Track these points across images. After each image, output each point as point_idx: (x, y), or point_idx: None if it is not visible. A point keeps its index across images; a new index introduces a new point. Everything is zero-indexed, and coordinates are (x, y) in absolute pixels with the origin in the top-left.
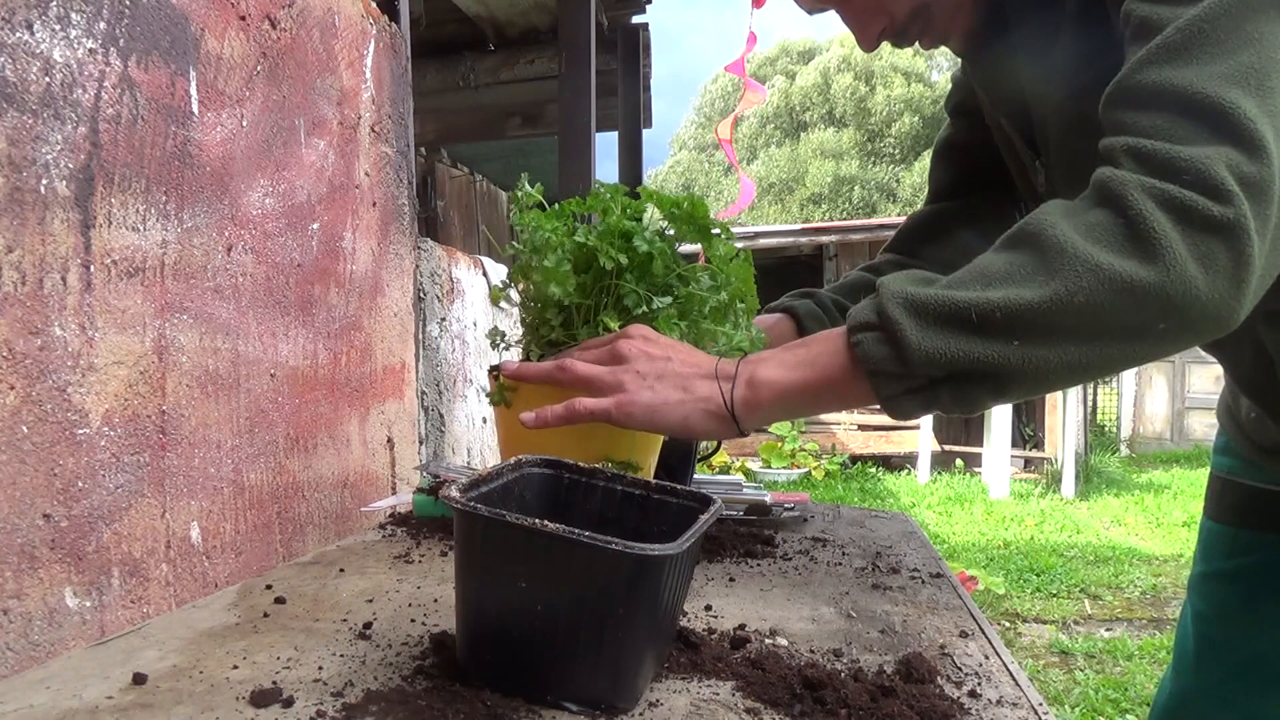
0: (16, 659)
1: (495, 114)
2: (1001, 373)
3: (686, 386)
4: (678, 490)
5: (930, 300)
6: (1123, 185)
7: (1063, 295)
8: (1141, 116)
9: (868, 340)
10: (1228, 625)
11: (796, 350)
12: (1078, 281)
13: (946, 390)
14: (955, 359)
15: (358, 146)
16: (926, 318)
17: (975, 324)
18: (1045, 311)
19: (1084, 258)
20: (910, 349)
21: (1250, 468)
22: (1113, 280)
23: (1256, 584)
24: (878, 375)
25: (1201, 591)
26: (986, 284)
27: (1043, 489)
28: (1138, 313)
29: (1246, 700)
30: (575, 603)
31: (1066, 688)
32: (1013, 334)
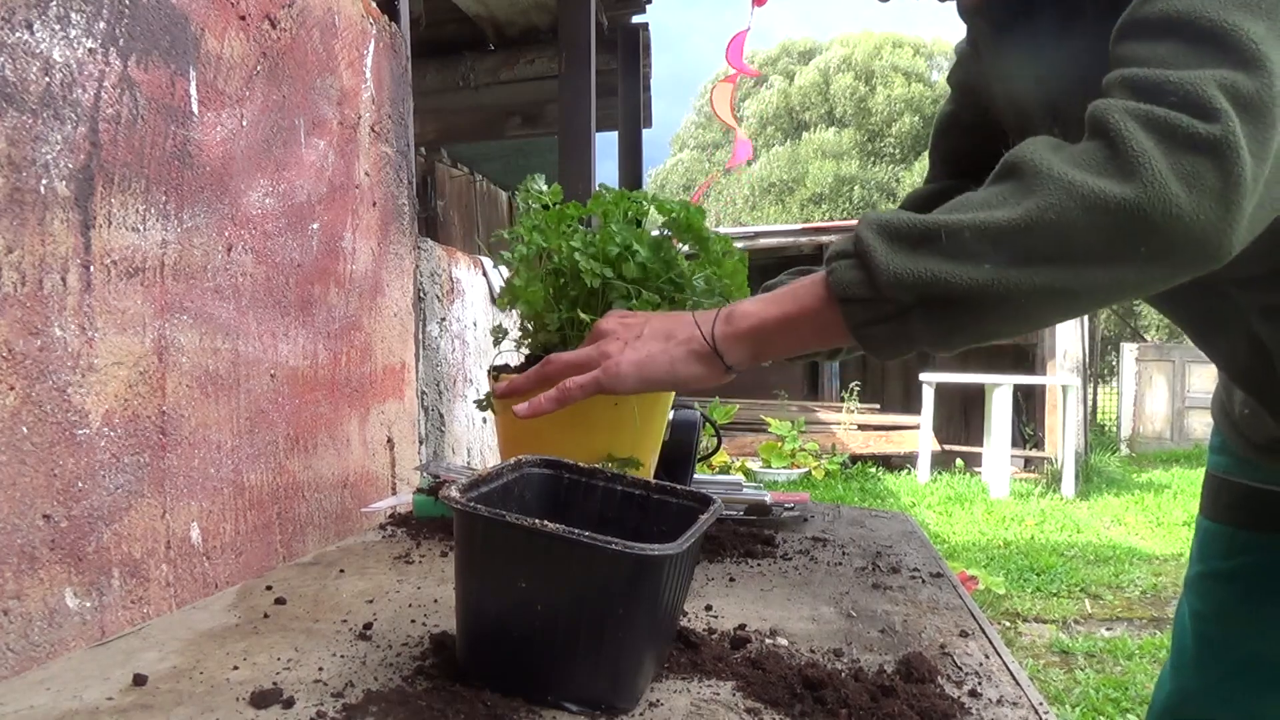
0: (16, 660)
1: (495, 114)
2: (974, 297)
3: (668, 335)
4: (678, 490)
5: (902, 223)
6: (1106, 111)
7: (1033, 212)
8: (1142, 47)
9: (841, 266)
10: (1226, 625)
11: (777, 290)
12: (1049, 199)
13: (919, 317)
14: (923, 280)
15: (358, 146)
16: (897, 240)
17: (944, 244)
18: (1015, 229)
19: (1058, 177)
20: (878, 270)
21: (1246, 466)
22: (1085, 197)
23: (1254, 584)
24: (849, 302)
25: (1199, 591)
26: (963, 209)
27: (1043, 488)
28: (1114, 232)
29: (1245, 699)
30: (575, 603)
31: (1067, 687)
32: (982, 255)
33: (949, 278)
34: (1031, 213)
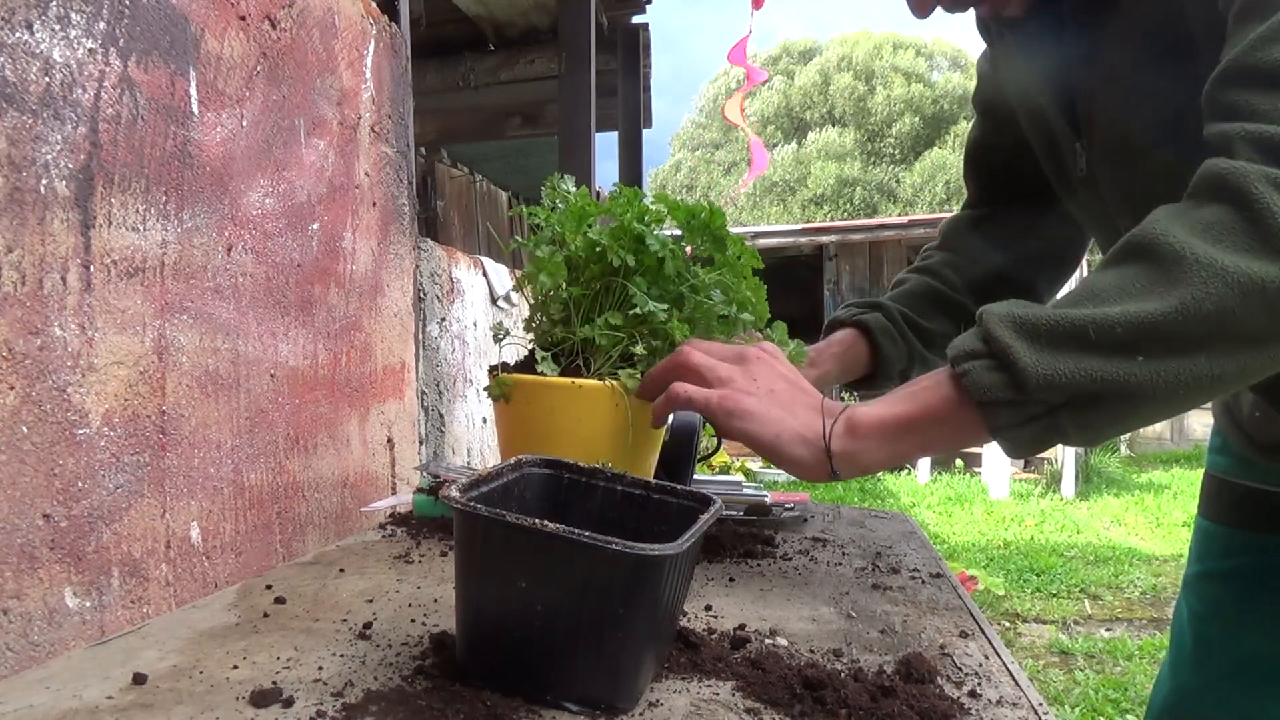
0: (16, 659)
1: (495, 114)
2: (1130, 392)
3: (792, 409)
4: (678, 490)
5: (1042, 320)
6: (1243, 178)
7: (1189, 304)
8: (1261, 97)
9: (976, 369)
10: (1224, 625)
11: (899, 390)
12: (1204, 288)
13: (1068, 416)
14: (1077, 380)
15: (358, 146)
16: (1040, 339)
17: (1094, 341)
18: (1172, 323)
19: (1207, 261)
20: (1026, 372)
21: (1247, 467)
22: (1243, 283)
23: (1253, 584)
24: (990, 405)
25: (1197, 591)
26: (1101, 299)
27: (1043, 489)
28: (1271, 314)
29: (1244, 699)
30: (575, 603)
31: (1066, 688)
32: (1136, 349)
33: (1106, 375)
34: (1187, 304)
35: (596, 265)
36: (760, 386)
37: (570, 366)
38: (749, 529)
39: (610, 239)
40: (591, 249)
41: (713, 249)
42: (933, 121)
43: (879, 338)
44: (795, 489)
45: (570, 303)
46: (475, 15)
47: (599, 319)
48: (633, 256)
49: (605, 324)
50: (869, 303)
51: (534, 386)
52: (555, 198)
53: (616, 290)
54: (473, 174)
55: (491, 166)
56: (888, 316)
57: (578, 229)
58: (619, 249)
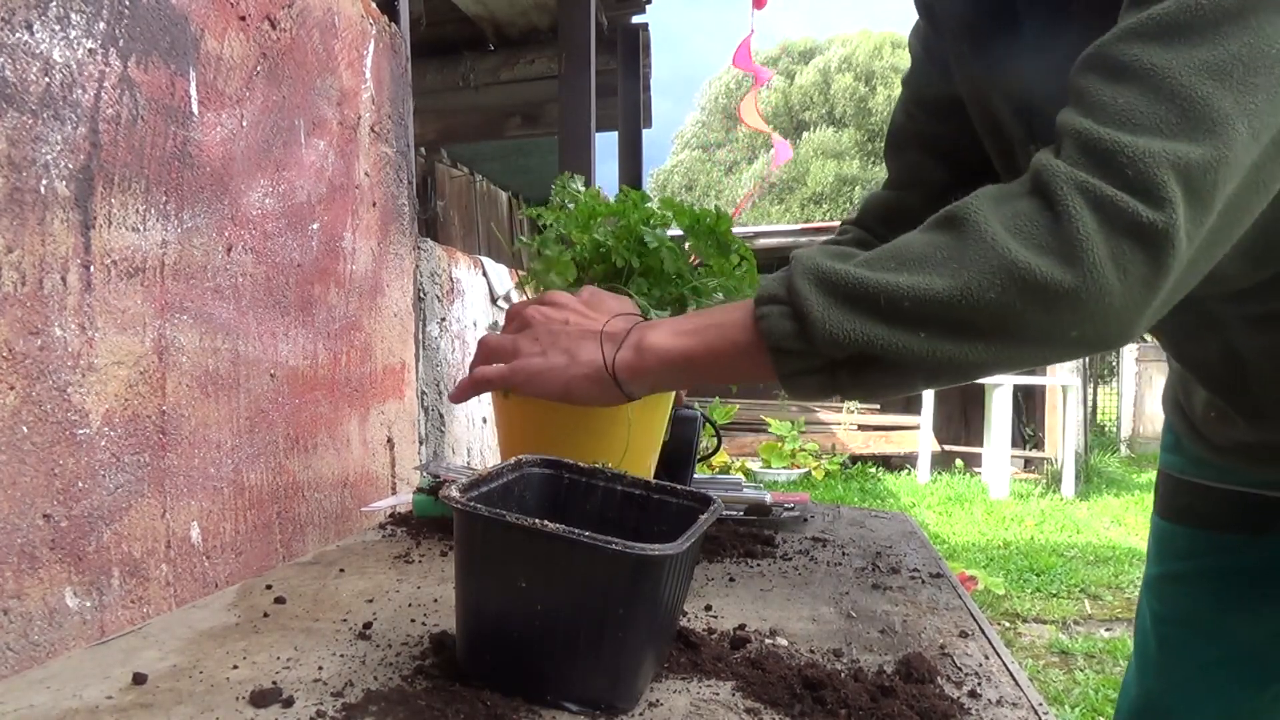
0: (16, 659)
1: (495, 114)
2: (905, 362)
3: (572, 351)
4: (678, 490)
5: (841, 277)
6: (1054, 176)
7: (973, 289)
8: (1105, 88)
9: (773, 314)
10: (1189, 627)
11: (697, 317)
12: (991, 276)
13: (846, 373)
14: (858, 341)
15: (358, 146)
16: (835, 295)
17: (882, 309)
18: (953, 303)
19: (1001, 249)
20: (814, 325)
21: (1202, 465)
22: (1025, 279)
23: (1216, 585)
24: (779, 351)
25: (1159, 593)
26: (900, 265)
27: (1043, 489)
28: (1050, 317)
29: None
30: (575, 603)
31: (1066, 688)
32: (920, 325)
33: (884, 342)
34: (972, 288)
35: (600, 266)
36: (542, 342)
37: None
38: (749, 529)
39: (615, 240)
40: (596, 249)
41: (715, 253)
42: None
43: None
44: (795, 489)
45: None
46: (475, 15)
47: None
48: (637, 258)
49: None
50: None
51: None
52: (566, 197)
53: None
54: (473, 174)
55: (491, 166)
56: None
57: (585, 229)
58: (623, 250)
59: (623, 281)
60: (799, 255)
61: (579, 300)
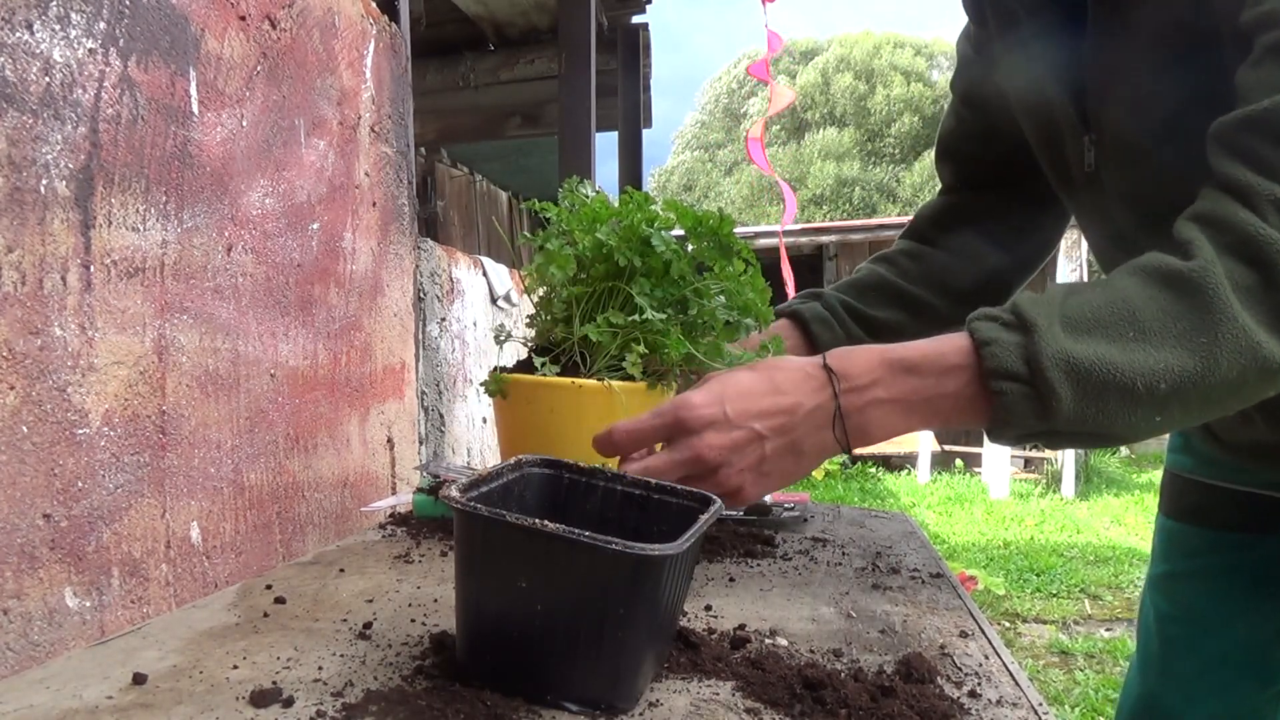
0: (16, 659)
1: (495, 114)
2: (1129, 437)
3: (797, 451)
4: (678, 490)
5: (1093, 365)
6: (1275, 250)
7: (1221, 367)
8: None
9: (1014, 394)
10: (1193, 625)
11: (915, 381)
12: (1237, 358)
13: (1064, 440)
14: (1102, 427)
15: (358, 146)
16: (1087, 385)
17: (1138, 395)
18: (1202, 381)
19: (1244, 328)
20: (1060, 416)
21: (1211, 465)
22: (1265, 360)
23: (1223, 583)
24: (1010, 425)
25: (1164, 591)
26: (1141, 337)
27: (1043, 489)
28: (1269, 388)
29: (1214, 699)
30: (575, 603)
31: (1066, 688)
32: (1164, 406)
33: (1124, 424)
34: (1220, 366)
35: (602, 265)
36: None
37: (569, 365)
38: (749, 529)
39: (618, 240)
40: (599, 249)
41: (718, 256)
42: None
43: (813, 326)
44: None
45: (573, 301)
46: (475, 15)
47: (599, 318)
48: (639, 258)
49: (605, 323)
50: (808, 293)
51: (533, 386)
52: (573, 199)
53: (620, 292)
54: (473, 174)
55: (491, 166)
56: (825, 306)
57: (588, 229)
58: (625, 250)
59: (625, 281)
60: (1035, 318)
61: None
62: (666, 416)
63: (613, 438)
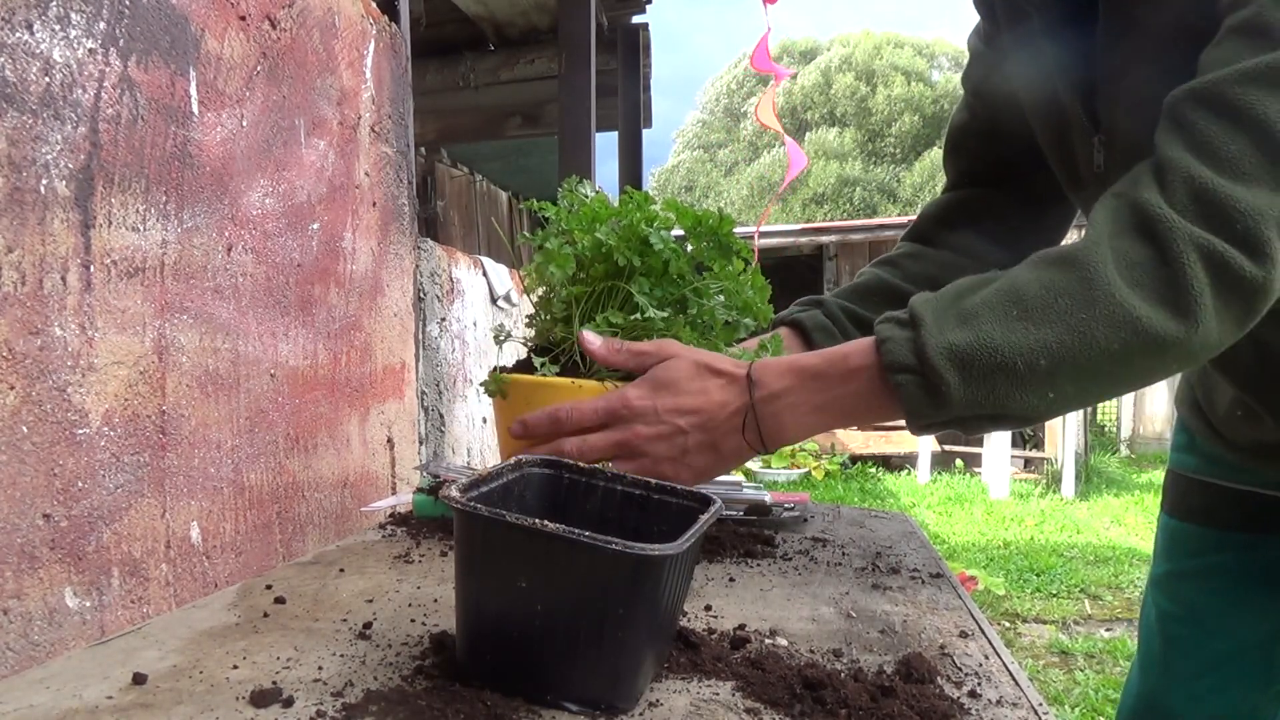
0: (16, 659)
1: (495, 114)
2: (1030, 415)
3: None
4: (678, 490)
5: (975, 351)
6: (1170, 229)
7: (1100, 342)
8: (1216, 130)
9: (909, 384)
10: (1196, 624)
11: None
12: (1116, 330)
13: (972, 425)
14: (994, 408)
15: (358, 146)
16: (972, 370)
17: (1020, 373)
18: (1081, 359)
19: (1124, 304)
20: (953, 401)
21: (1216, 465)
22: (1148, 333)
23: (1227, 582)
24: (915, 415)
25: (1166, 590)
26: (1025, 316)
27: (1043, 489)
28: (1158, 360)
29: (1218, 698)
30: (575, 603)
31: (1066, 688)
32: (1051, 382)
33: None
34: (1098, 341)
35: (602, 265)
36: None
37: (568, 365)
38: (749, 529)
39: (617, 239)
40: (598, 248)
41: (717, 255)
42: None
43: (814, 335)
44: (795, 489)
45: (572, 300)
46: (475, 15)
47: (599, 317)
48: (638, 258)
49: (605, 323)
50: (809, 300)
51: (533, 386)
52: (572, 200)
53: (620, 292)
54: (473, 174)
55: (491, 166)
56: (826, 313)
57: (588, 228)
58: (625, 249)
59: (624, 280)
60: (923, 314)
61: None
62: (609, 404)
63: (558, 413)
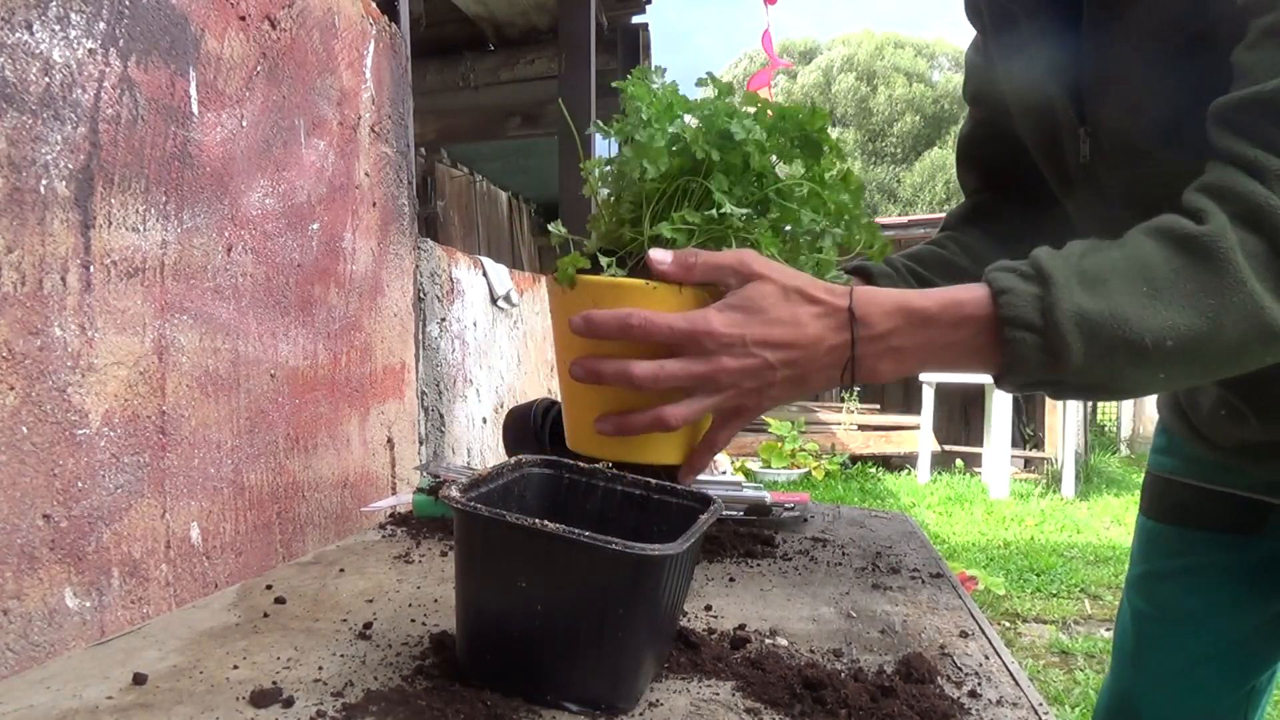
0: (16, 659)
1: (495, 114)
2: (1132, 392)
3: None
4: (678, 490)
5: (1105, 321)
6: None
7: (1226, 331)
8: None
9: (1026, 342)
10: (1173, 624)
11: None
12: (1243, 322)
13: (1068, 392)
14: (1109, 380)
15: (358, 146)
16: (1097, 340)
17: (1145, 351)
18: (1205, 346)
19: (1250, 296)
20: (1070, 368)
21: (1196, 466)
22: (1268, 325)
23: (1202, 583)
24: (1017, 372)
25: (1143, 591)
26: (1154, 295)
27: (1043, 489)
28: (1270, 353)
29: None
30: (575, 603)
31: (1066, 688)
32: (1170, 365)
33: (1129, 380)
34: (1225, 330)
35: (676, 160)
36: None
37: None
38: (749, 529)
39: (695, 132)
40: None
41: (805, 155)
42: (933, 121)
43: (878, 279)
44: (795, 489)
45: (643, 200)
46: (475, 15)
47: (675, 216)
48: (716, 152)
49: (681, 221)
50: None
51: (603, 287)
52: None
53: (696, 189)
54: (473, 174)
55: (491, 166)
56: (890, 265)
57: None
58: (703, 142)
59: (702, 177)
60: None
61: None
62: (691, 327)
63: (630, 320)
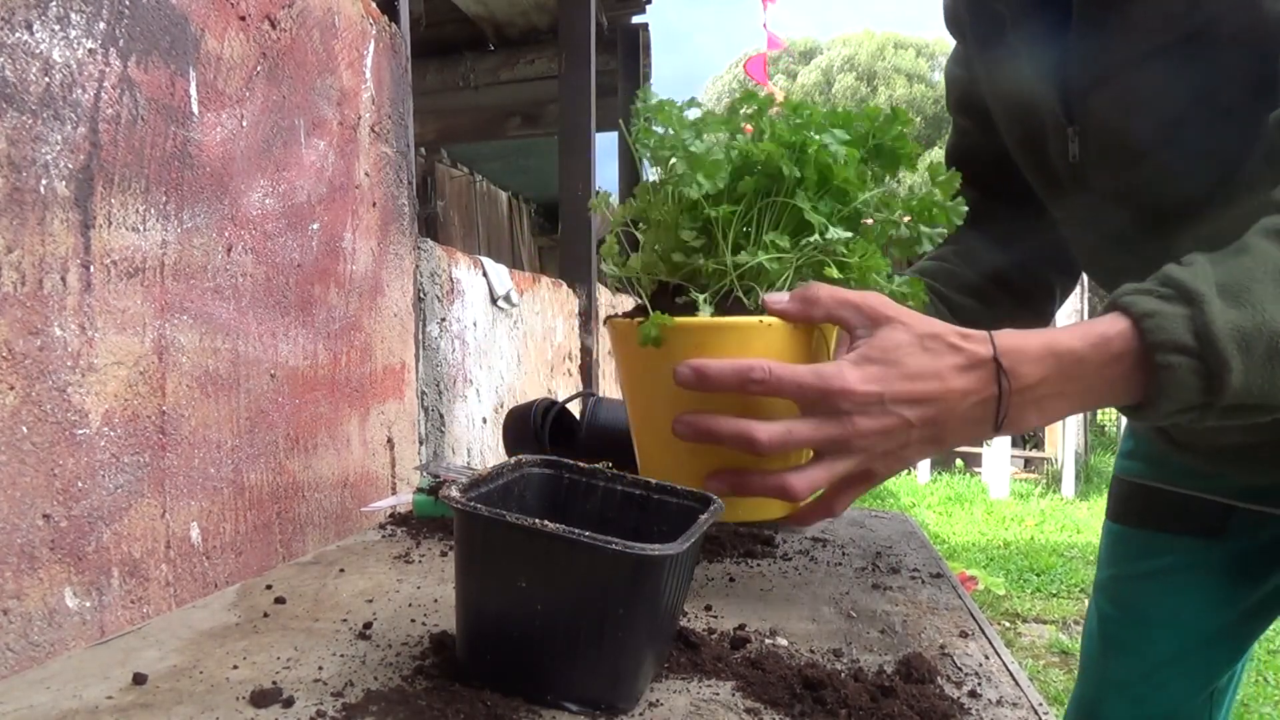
0: (16, 659)
1: (495, 114)
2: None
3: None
4: (678, 490)
5: (1259, 332)
6: None
7: None
8: None
9: (1182, 367)
10: (1135, 627)
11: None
12: None
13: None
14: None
15: (358, 146)
16: (1253, 354)
17: None
18: None
19: None
20: (1231, 388)
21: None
22: None
23: (1168, 586)
24: (1172, 400)
25: (1110, 594)
26: None
27: (1043, 489)
28: None
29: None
30: (575, 603)
31: (1066, 688)
32: None
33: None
34: None
35: (751, 178)
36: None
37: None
38: (749, 529)
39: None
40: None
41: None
42: (934, 121)
43: None
44: None
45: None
46: (475, 15)
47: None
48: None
49: (772, 247)
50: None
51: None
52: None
53: (776, 209)
54: (473, 174)
55: (491, 166)
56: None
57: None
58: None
59: (785, 194)
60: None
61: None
62: (825, 384)
63: (752, 374)
